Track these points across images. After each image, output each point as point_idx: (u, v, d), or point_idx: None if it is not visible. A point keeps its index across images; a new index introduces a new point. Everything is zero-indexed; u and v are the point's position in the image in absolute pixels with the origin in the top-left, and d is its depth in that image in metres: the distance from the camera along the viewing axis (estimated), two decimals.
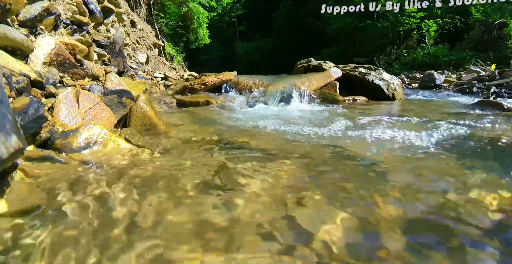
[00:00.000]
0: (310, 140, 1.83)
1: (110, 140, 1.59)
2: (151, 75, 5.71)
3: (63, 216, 0.91)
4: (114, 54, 3.55)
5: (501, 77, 5.62)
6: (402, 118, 2.56)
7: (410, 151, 1.56)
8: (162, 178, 1.21)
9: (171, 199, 1.03)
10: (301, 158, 1.47)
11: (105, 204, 0.99)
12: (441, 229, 0.86)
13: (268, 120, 2.53)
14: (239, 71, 5.40)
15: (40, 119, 1.44)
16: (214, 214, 0.94)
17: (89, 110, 1.85)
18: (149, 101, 2.12)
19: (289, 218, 0.91)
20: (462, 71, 8.39)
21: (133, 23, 7.97)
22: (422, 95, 4.99)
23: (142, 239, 0.80)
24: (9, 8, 1.85)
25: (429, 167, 1.34)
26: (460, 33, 11.69)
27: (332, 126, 2.22)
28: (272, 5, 24.32)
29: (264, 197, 1.05)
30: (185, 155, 1.51)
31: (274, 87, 3.79)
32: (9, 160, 0.91)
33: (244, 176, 1.23)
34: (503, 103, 3.05)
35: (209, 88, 4.03)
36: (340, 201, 1.01)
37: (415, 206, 0.98)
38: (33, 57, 1.99)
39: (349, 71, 4.38)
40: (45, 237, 0.80)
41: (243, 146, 1.70)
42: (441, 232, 0.84)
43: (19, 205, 0.96)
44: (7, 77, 1.48)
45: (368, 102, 3.91)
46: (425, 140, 1.75)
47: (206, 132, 2.06)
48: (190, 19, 13.97)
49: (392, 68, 11.64)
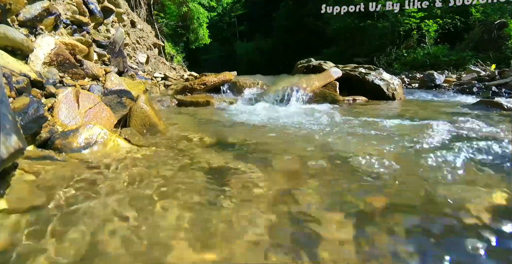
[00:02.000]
0: (310, 140, 1.83)
1: (110, 140, 1.59)
2: (151, 75, 5.71)
3: (63, 216, 0.91)
4: (114, 54, 3.55)
5: (501, 77, 5.62)
6: (402, 117, 2.56)
7: (410, 151, 1.56)
8: (162, 178, 1.21)
9: (171, 199, 1.03)
10: (300, 159, 1.47)
11: (105, 204, 0.99)
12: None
13: (268, 120, 2.53)
14: (239, 71, 5.40)
15: (40, 119, 1.44)
16: (213, 214, 0.94)
17: (89, 110, 1.85)
18: (149, 101, 2.12)
19: (289, 219, 0.91)
20: (462, 71, 8.40)
21: (133, 23, 7.97)
22: (422, 95, 4.99)
23: (142, 239, 0.80)
24: (9, 8, 1.85)
25: (428, 166, 1.34)
26: (460, 33, 11.69)
27: (332, 125, 2.22)
28: (272, 5, 24.33)
29: (263, 197, 1.05)
30: (185, 155, 1.51)
31: (274, 87, 3.79)
32: (9, 160, 0.91)
33: (243, 176, 1.23)
34: (503, 103, 3.05)
35: (209, 88, 4.03)
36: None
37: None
38: (33, 57, 1.99)
39: (349, 71, 4.38)
40: (45, 237, 0.80)
41: (243, 146, 1.70)
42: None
43: (19, 204, 0.96)
44: (7, 77, 1.48)
45: (368, 102, 3.91)
46: (425, 140, 1.75)
47: (206, 132, 2.06)
48: (190, 19, 13.97)
49: (392, 68, 11.65)
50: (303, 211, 0.95)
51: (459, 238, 0.81)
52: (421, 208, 0.98)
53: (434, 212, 0.95)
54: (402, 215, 0.94)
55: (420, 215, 0.94)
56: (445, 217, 0.92)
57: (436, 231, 0.85)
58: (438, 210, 0.96)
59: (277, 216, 0.92)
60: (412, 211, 0.97)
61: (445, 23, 12.25)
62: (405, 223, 0.89)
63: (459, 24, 12.07)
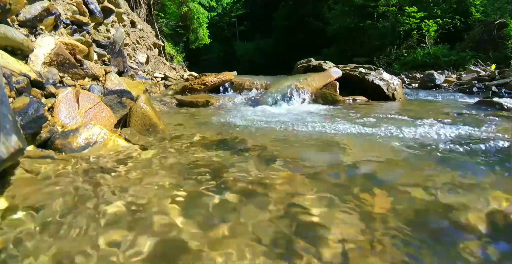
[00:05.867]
0: (309, 140, 1.83)
1: (110, 140, 1.59)
2: (151, 75, 5.70)
3: (63, 216, 0.91)
4: (114, 54, 3.55)
5: (501, 77, 5.62)
6: (402, 117, 2.56)
7: (410, 151, 1.56)
8: (161, 177, 1.21)
9: (171, 199, 1.03)
10: (299, 160, 1.47)
11: (105, 204, 0.99)
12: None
13: (267, 120, 2.53)
14: (239, 71, 5.40)
15: (40, 119, 1.45)
16: (212, 212, 0.94)
17: (89, 110, 1.85)
18: (149, 101, 2.12)
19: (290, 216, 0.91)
20: (462, 71, 8.39)
21: (133, 23, 7.97)
22: (422, 95, 4.99)
23: (141, 238, 0.80)
24: (9, 8, 1.85)
25: (427, 165, 1.34)
26: (460, 33, 11.68)
27: (332, 126, 2.22)
28: (272, 5, 24.30)
29: (262, 198, 1.05)
30: (185, 155, 1.51)
31: (274, 87, 3.79)
32: (9, 160, 0.91)
33: (243, 176, 1.23)
34: (503, 103, 3.05)
35: (209, 88, 4.03)
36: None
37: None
38: (33, 57, 1.99)
39: (349, 71, 4.37)
40: (45, 237, 0.80)
41: (242, 146, 1.70)
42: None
43: (19, 204, 0.96)
44: (7, 77, 1.48)
45: (368, 102, 3.91)
46: (425, 140, 1.75)
47: (206, 132, 2.06)
48: (190, 19, 13.96)
49: (392, 68, 11.64)
50: (303, 209, 0.95)
51: (458, 238, 0.81)
52: (421, 208, 0.98)
53: (434, 212, 0.95)
54: (402, 213, 0.94)
55: (420, 214, 0.94)
56: (445, 218, 0.92)
57: (434, 234, 0.85)
58: (438, 210, 0.96)
59: (276, 216, 0.92)
60: (412, 210, 0.97)
61: (445, 23, 12.24)
62: (405, 222, 0.89)
63: (459, 24, 12.06)
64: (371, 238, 0.81)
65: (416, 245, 0.78)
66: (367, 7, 13.73)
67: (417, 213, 0.94)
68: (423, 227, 0.87)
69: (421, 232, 0.84)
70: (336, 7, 16.04)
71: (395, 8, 13.16)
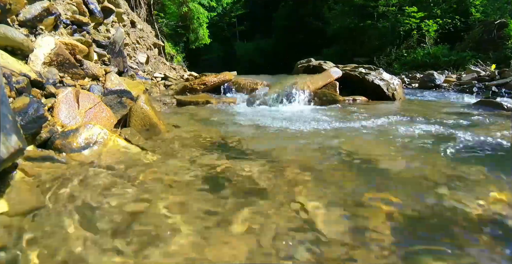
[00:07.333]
0: (309, 140, 1.83)
1: (110, 140, 1.59)
2: (151, 75, 5.70)
3: (63, 216, 0.91)
4: (114, 54, 3.55)
5: (501, 77, 5.62)
6: (402, 117, 2.56)
7: (410, 151, 1.56)
8: (161, 177, 1.21)
9: (171, 198, 1.03)
10: (301, 159, 1.47)
11: (105, 204, 0.98)
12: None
13: (267, 120, 2.52)
14: (239, 71, 5.40)
15: (40, 119, 1.44)
16: (213, 211, 0.94)
17: (89, 110, 1.85)
18: (149, 101, 2.12)
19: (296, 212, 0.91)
20: (462, 71, 8.39)
21: (133, 23, 7.96)
22: (422, 95, 4.99)
23: (141, 238, 0.80)
24: (9, 8, 1.85)
25: (426, 165, 1.34)
26: (460, 33, 11.68)
27: (332, 126, 2.22)
28: (272, 5, 24.30)
29: (260, 199, 1.05)
30: (185, 155, 1.51)
31: (274, 87, 3.79)
32: (9, 160, 0.91)
33: (243, 175, 1.23)
34: (503, 103, 3.06)
35: (209, 88, 4.02)
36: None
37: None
38: (33, 57, 1.99)
39: (349, 71, 4.37)
40: (45, 237, 0.80)
41: (242, 146, 1.70)
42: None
43: (19, 204, 0.96)
44: (7, 77, 1.48)
45: (368, 102, 3.91)
46: (425, 140, 1.75)
47: (206, 132, 2.06)
48: (190, 19, 13.96)
49: (392, 68, 11.64)
50: (305, 208, 0.95)
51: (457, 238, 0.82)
52: (421, 208, 0.98)
53: (433, 213, 0.95)
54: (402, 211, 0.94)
55: (419, 215, 0.94)
56: (444, 218, 0.92)
57: (435, 231, 0.85)
58: (437, 211, 0.96)
59: (277, 214, 0.92)
60: (412, 210, 0.97)
61: (445, 23, 12.24)
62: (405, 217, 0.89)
63: (459, 24, 12.06)
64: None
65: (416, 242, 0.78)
66: (367, 7, 13.76)
67: (417, 213, 0.94)
68: (422, 225, 0.87)
69: (422, 227, 0.84)
70: (336, 7, 16.06)
71: (395, 8, 13.18)
